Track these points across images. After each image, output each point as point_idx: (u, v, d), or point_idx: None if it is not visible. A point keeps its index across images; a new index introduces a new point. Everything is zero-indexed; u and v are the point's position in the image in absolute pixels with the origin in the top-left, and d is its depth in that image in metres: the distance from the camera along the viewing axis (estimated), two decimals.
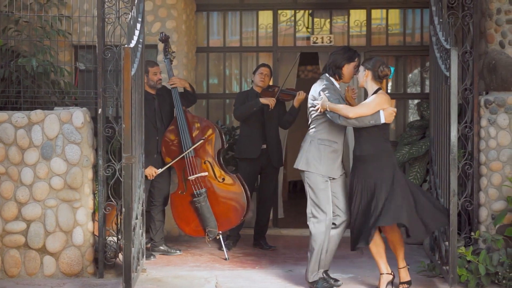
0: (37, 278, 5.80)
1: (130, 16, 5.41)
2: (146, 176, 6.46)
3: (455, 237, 5.33)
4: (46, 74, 6.78)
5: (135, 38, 5.44)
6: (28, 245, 5.80)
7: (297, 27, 8.34)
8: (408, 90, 8.42)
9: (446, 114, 5.50)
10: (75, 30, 7.17)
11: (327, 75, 5.57)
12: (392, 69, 5.50)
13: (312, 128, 5.53)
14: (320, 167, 5.43)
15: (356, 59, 5.57)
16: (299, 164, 5.51)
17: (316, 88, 5.51)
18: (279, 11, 8.30)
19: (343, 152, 5.62)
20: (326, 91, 5.40)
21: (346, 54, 5.56)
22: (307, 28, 8.40)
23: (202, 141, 6.63)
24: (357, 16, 8.26)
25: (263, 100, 6.83)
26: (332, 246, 5.54)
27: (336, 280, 5.63)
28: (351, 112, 5.25)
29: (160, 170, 6.55)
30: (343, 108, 5.27)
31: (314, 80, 5.74)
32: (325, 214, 5.43)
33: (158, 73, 6.64)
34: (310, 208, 5.48)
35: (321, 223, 5.43)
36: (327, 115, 5.36)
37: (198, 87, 8.31)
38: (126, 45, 5.21)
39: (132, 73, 5.27)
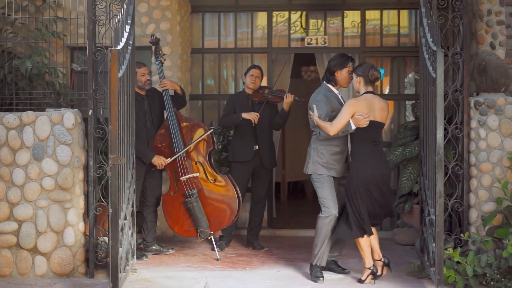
0: (28, 278, 5.85)
1: (118, 19, 5.45)
2: (155, 167, 6.55)
3: (441, 239, 5.33)
4: (41, 76, 6.83)
5: (123, 40, 5.47)
6: (19, 245, 5.85)
7: (292, 28, 8.35)
8: (406, 91, 8.41)
9: (433, 115, 5.51)
10: (71, 31, 7.21)
11: (324, 82, 5.92)
12: (382, 70, 5.82)
13: (314, 135, 5.87)
14: (326, 170, 5.82)
15: (348, 65, 5.88)
16: (308, 170, 5.91)
17: (312, 99, 5.85)
18: (274, 13, 8.30)
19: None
20: (318, 104, 5.73)
21: (338, 60, 5.91)
22: (304, 29, 8.40)
23: (208, 132, 6.65)
24: (352, 17, 8.25)
25: (245, 115, 6.85)
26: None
27: (343, 269, 6.11)
28: (332, 130, 5.60)
29: (169, 160, 6.57)
30: (326, 127, 5.63)
31: (316, 81, 5.82)
32: (330, 209, 5.77)
33: (146, 74, 6.66)
34: (321, 204, 5.84)
35: (327, 217, 5.79)
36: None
37: (194, 88, 8.33)
38: (113, 47, 5.25)
39: (120, 75, 5.31)
